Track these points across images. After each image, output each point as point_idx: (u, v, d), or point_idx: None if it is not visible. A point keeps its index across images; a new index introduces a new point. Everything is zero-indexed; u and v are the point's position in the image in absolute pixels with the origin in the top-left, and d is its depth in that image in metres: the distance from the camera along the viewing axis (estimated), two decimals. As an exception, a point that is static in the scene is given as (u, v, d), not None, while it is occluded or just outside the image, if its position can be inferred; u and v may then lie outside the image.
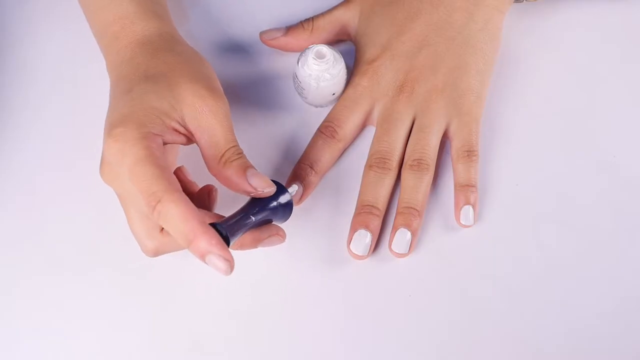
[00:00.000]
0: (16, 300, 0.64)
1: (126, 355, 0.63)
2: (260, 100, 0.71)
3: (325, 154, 0.68)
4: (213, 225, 0.56)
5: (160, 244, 0.59)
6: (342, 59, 0.68)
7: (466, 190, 0.67)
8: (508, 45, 0.73)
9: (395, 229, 0.66)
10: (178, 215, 0.53)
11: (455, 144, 0.68)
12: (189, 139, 0.61)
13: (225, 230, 0.56)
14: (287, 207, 0.62)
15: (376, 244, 0.66)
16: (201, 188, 0.63)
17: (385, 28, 0.70)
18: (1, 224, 0.66)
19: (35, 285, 0.64)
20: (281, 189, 0.61)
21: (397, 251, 0.66)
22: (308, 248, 0.66)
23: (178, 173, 0.63)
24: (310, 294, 0.65)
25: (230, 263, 0.54)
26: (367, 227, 0.65)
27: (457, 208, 0.67)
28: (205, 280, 0.64)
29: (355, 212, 0.66)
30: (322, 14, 0.72)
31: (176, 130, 0.59)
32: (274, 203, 0.60)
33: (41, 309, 0.64)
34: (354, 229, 0.66)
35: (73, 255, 0.65)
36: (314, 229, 0.67)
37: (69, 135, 0.69)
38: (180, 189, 0.55)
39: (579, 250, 0.67)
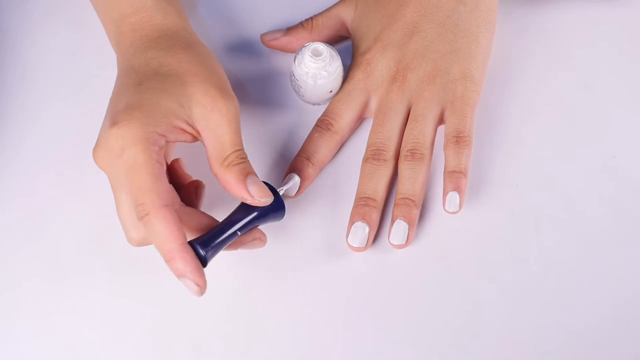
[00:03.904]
0: (16, 300, 0.64)
1: (126, 356, 0.63)
2: (257, 99, 0.71)
3: (321, 147, 0.68)
4: (193, 245, 0.57)
5: (145, 236, 0.60)
6: (339, 57, 0.68)
7: (452, 176, 0.66)
8: (507, 46, 0.73)
9: (392, 221, 0.66)
10: (161, 233, 0.55)
11: (446, 130, 0.67)
12: (195, 138, 0.61)
13: (204, 251, 0.58)
14: (279, 214, 0.62)
15: (377, 240, 0.66)
16: (189, 182, 0.63)
17: (377, 20, 0.70)
18: (1, 224, 0.66)
19: (35, 286, 0.65)
20: (275, 197, 0.61)
21: (394, 242, 0.65)
22: (307, 246, 0.66)
23: (174, 164, 0.63)
24: (310, 294, 0.65)
25: (201, 289, 0.57)
26: (363, 219, 0.65)
27: (444, 195, 0.66)
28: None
29: (353, 206, 0.66)
30: (321, 13, 0.72)
31: (182, 130, 0.59)
32: (266, 210, 0.61)
33: (41, 309, 0.64)
34: (351, 221, 0.66)
35: (73, 255, 0.65)
36: (313, 226, 0.67)
37: (69, 135, 0.70)
38: (170, 202, 0.56)
39: (579, 250, 0.66)
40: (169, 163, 0.63)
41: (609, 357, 0.63)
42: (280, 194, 0.62)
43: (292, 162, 0.68)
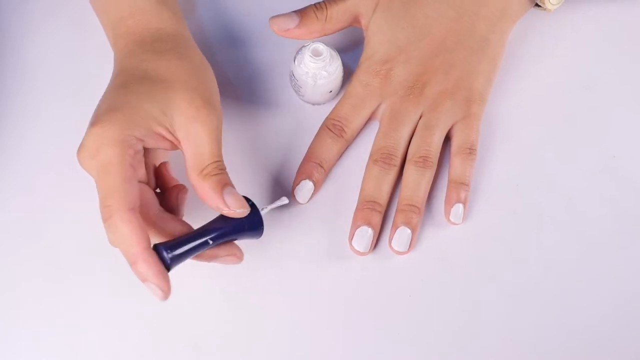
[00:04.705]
0: (16, 300, 0.64)
1: (126, 356, 0.63)
2: (256, 99, 0.71)
3: (333, 152, 0.68)
4: (158, 249, 0.57)
5: None
6: (339, 57, 0.68)
7: (459, 188, 0.67)
8: (508, 46, 0.72)
9: (395, 227, 0.66)
10: (125, 236, 0.55)
11: (457, 141, 0.68)
12: (174, 146, 0.60)
13: (169, 254, 0.57)
14: (256, 231, 0.61)
15: (377, 242, 0.66)
16: (171, 187, 0.63)
17: (403, 29, 0.69)
18: (1, 224, 0.66)
19: (35, 286, 0.65)
20: (254, 211, 0.60)
21: (397, 249, 0.65)
22: (307, 246, 0.66)
23: (161, 168, 0.63)
24: (310, 294, 0.65)
25: (165, 293, 0.56)
26: (369, 223, 0.65)
27: (448, 204, 0.67)
28: (204, 279, 0.64)
29: (357, 207, 0.66)
30: (336, 1, 0.70)
31: (162, 137, 0.59)
32: (242, 225, 0.60)
33: (41, 309, 0.64)
34: (355, 224, 0.66)
35: (73, 255, 0.65)
36: (313, 226, 0.67)
37: (69, 135, 0.68)
38: (135, 206, 0.55)
39: (580, 250, 0.66)
40: (157, 165, 0.63)
41: (609, 357, 0.63)
42: (262, 213, 0.61)
43: (303, 166, 0.67)
